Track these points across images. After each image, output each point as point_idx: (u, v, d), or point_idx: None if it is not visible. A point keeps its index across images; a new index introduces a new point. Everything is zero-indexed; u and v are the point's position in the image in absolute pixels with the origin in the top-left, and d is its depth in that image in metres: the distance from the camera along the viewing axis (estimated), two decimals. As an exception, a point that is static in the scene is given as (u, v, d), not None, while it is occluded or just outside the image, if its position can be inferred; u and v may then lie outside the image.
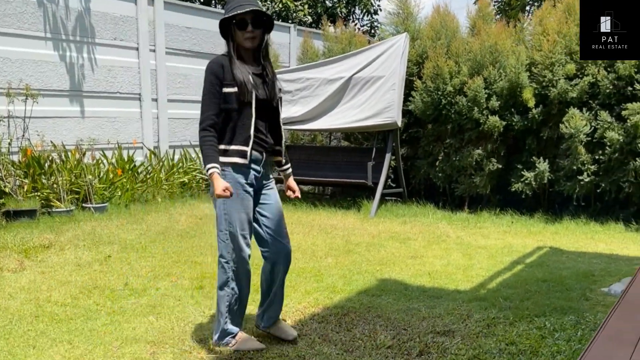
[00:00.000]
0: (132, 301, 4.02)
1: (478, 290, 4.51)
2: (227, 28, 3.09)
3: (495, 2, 17.35)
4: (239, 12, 2.96)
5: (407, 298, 4.22)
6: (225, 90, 2.98)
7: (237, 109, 2.98)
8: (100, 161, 7.71)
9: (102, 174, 7.59)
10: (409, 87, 8.36)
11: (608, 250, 5.95)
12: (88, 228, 6.18)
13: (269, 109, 3.12)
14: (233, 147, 3.01)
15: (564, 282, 4.65)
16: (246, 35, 2.98)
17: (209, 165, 2.93)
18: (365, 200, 8.35)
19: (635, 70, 7.02)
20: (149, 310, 3.85)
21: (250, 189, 3.10)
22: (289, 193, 3.45)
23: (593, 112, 7.28)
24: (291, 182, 3.49)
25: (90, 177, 7.19)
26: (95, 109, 8.17)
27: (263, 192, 3.18)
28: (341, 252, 5.64)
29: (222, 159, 3.00)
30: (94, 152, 7.55)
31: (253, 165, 3.09)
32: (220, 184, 2.91)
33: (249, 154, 3.03)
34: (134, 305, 3.93)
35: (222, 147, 3.01)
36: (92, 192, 7.13)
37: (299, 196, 3.46)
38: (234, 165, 3.02)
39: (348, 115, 8.10)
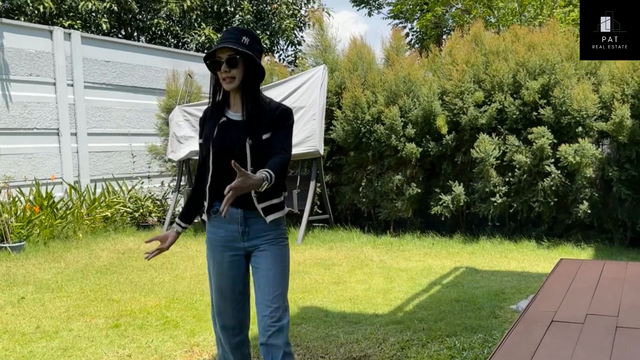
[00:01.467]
0: (43, 344, 3.92)
1: (395, 313, 4.65)
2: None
3: (413, 32, 18.05)
4: (210, 51, 2.64)
5: (327, 325, 4.30)
6: (199, 141, 2.78)
7: (204, 162, 2.70)
8: (17, 199, 7.48)
9: (19, 212, 7.36)
10: (329, 116, 8.56)
11: (520, 268, 6.25)
12: (3, 269, 5.97)
13: (236, 156, 2.54)
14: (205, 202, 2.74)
15: (476, 301, 4.86)
16: (222, 76, 2.61)
17: (175, 220, 2.81)
18: (292, 227, 8.43)
19: (539, 96, 7.47)
20: (60, 353, 3.76)
21: (226, 251, 2.70)
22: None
23: (502, 137, 7.68)
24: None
25: (6, 215, 6.96)
26: (11, 146, 7.94)
27: (253, 254, 2.69)
28: (264, 282, 5.67)
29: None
30: (10, 190, 7.32)
31: (218, 224, 2.69)
32: (158, 236, 2.77)
33: (206, 210, 2.71)
34: (44, 349, 3.83)
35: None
36: (8, 231, 6.90)
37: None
38: (205, 222, 2.79)
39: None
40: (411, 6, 17.02)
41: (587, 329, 3.42)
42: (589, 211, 7.11)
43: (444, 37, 16.48)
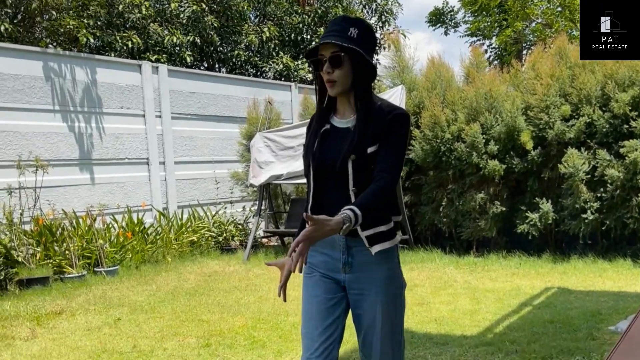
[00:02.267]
0: (140, 363, 4.08)
1: (485, 334, 4.52)
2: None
3: (492, 48, 17.76)
4: (311, 47, 2.25)
5: (413, 346, 4.24)
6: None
7: (307, 178, 2.31)
8: (110, 225, 7.86)
9: (112, 238, 7.73)
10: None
11: (616, 288, 5.94)
12: (99, 292, 6.28)
13: (337, 174, 2.17)
14: None
15: (571, 323, 4.65)
16: (325, 78, 2.18)
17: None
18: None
19: (630, 108, 7.14)
20: (156, 371, 3.90)
21: (325, 278, 2.28)
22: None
23: (592, 151, 7.37)
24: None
25: (101, 241, 7.33)
26: (104, 175, 8.39)
27: (355, 292, 2.25)
28: (348, 304, 5.67)
29: None
30: (104, 217, 7.71)
31: (321, 249, 2.26)
32: (277, 262, 2.38)
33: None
34: (141, 367, 3.99)
35: None
36: (103, 256, 7.26)
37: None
38: None
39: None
40: (489, 23, 16.80)
41: (697, 350, 3.20)
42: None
43: (524, 52, 16.11)
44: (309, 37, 14.48)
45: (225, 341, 4.51)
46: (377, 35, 15.14)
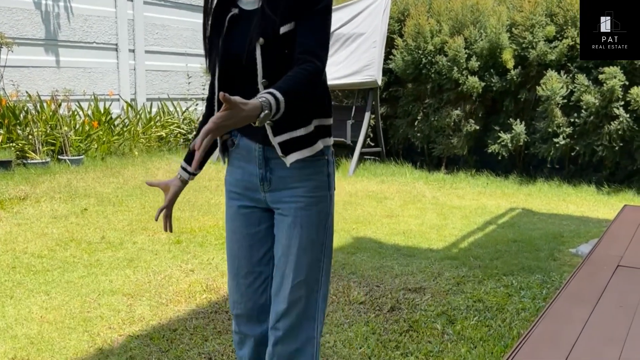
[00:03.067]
0: (109, 254, 4.06)
1: (450, 249, 4.62)
2: None
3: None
4: None
5: (381, 256, 4.31)
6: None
7: (212, 75, 1.89)
8: (76, 113, 7.61)
9: (78, 126, 7.51)
10: (389, 45, 8.31)
11: (579, 213, 6.10)
12: (64, 180, 6.15)
13: (245, 66, 1.74)
14: None
15: (534, 243, 4.78)
16: None
17: (181, 164, 1.98)
18: (344, 158, 8.39)
19: (614, 34, 7.05)
20: (126, 263, 3.89)
21: (242, 200, 1.86)
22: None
23: (571, 75, 7.34)
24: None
25: (66, 128, 7.11)
26: (71, 59, 8.02)
27: (275, 214, 1.84)
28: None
29: None
30: (69, 104, 7.44)
31: (237, 162, 1.86)
32: (160, 182, 1.98)
33: (219, 144, 1.86)
34: (110, 259, 3.96)
35: None
36: (67, 144, 7.06)
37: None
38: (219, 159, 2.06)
39: (329, 72, 8.02)
40: None
41: (657, 277, 3.33)
42: (656, 159, 6.83)
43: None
44: None
45: (196, 239, 4.50)
46: None
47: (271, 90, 1.52)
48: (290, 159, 1.73)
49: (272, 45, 1.69)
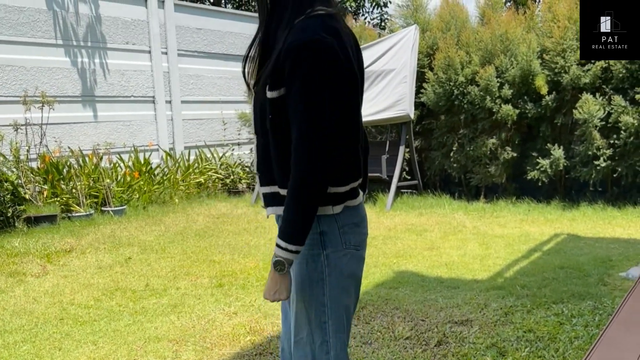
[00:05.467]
0: (154, 301, 4.10)
1: (495, 279, 4.52)
2: None
3: (505, -11, 17.25)
4: None
5: (424, 289, 4.25)
6: None
7: None
8: (117, 165, 7.82)
9: (119, 177, 7.70)
10: (420, 79, 8.35)
11: (626, 235, 5.92)
12: (107, 231, 6.28)
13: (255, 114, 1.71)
14: None
15: (582, 268, 4.65)
16: None
17: None
18: (380, 193, 8.37)
19: (649, 52, 6.95)
20: (170, 309, 3.92)
21: None
22: None
23: (607, 97, 7.22)
24: None
25: (108, 180, 7.29)
26: (110, 113, 8.29)
27: None
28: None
29: None
30: (110, 156, 7.66)
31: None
32: None
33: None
34: (155, 305, 4.00)
35: None
36: (110, 196, 7.24)
37: None
38: None
39: (362, 109, 8.13)
40: (503, -37, 16.29)
41: None
42: None
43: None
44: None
45: (237, 282, 4.52)
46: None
47: (276, 239, 1.58)
48: (267, 212, 1.71)
49: (259, 103, 1.63)
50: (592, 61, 7.29)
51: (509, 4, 15.87)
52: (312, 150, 1.51)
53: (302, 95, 1.50)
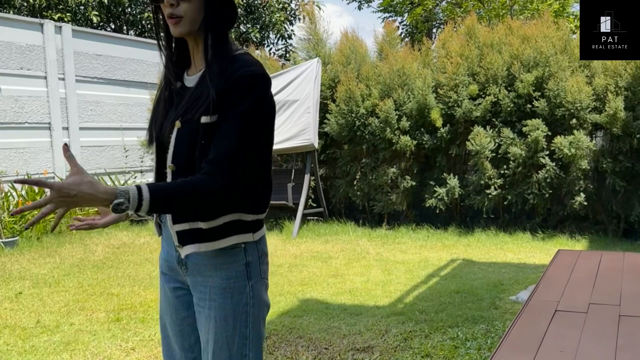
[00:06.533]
0: (45, 339, 3.88)
1: (396, 305, 4.66)
2: None
3: (404, 25, 18.06)
4: None
5: (328, 317, 4.30)
6: None
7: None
8: (9, 194, 7.39)
9: (11, 207, 7.27)
10: (323, 109, 8.56)
11: (516, 260, 6.29)
12: (-4, 265, 5.91)
13: (165, 147, 1.70)
14: None
15: (476, 293, 4.88)
16: (167, 12, 1.63)
17: None
18: (287, 221, 8.42)
19: (534, 88, 7.50)
20: (63, 347, 3.73)
21: (170, 282, 1.80)
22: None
23: (496, 130, 7.70)
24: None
25: (-2, 211, 6.88)
26: (2, 140, 7.86)
27: (194, 300, 1.74)
28: (262, 276, 5.66)
29: None
30: (2, 185, 7.23)
31: (164, 240, 1.81)
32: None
33: (154, 218, 1.81)
34: (46, 343, 3.79)
35: None
36: (1, 227, 6.82)
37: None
38: None
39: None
40: (402, 0, 17.02)
41: (591, 318, 3.45)
42: (585, 203, 7.16)
43: (435, 30, 16.48)
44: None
45: (136, 315, 4.38)
46: (292, 5, 15.02)
47: (141, 185, 1.47)
48: (185, 251, 1.65)
49: (189, 132, 1.60)
50: (483, 95, 7.77)
51: (407, 39, 16.65)
52: (235, 172, 1.54)
53: (245, 117, 1.56)
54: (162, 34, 1.74)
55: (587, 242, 7.07)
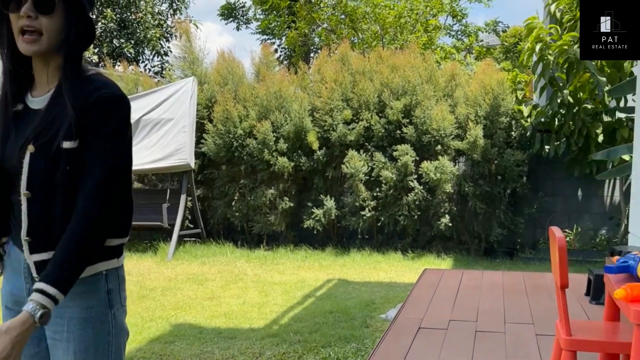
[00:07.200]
0: None
1: (271, 326, 4.69)
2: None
3: (282, 48, 18.35)
4: None
5: (201, 342, 4.24)
6: None
7: None
8: None
9: None
10: (200, 129, 8.48)
11: (388, 279, 6.55)
12: None
13: (15, 174, 1.57)
14: None
15: (349, 312, 5.03)
16: (22, 24, 1.49)
17: None
18: (162, 242, 8.21)
19: (402, 115, 7.92)
20: None
21: (14, 310, 1.61)
22: None
23: (369, 153, 8.03)
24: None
25: None
26: None
27: (47, 335, 1.62)
28: (134, 299, 5.47)
29: None
30: None
31: (7, 273, 1.68)
32: None
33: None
34: None
35: None
36: None
37: None
38: None
39: (140, 157, 7.95)
40: (279, 23, 17.26)
41: (451, 333, 3.70)
42: (450, 224, 7.63)
43: (312, 55, 16.87)
44: (94, 16, 13.59)
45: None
46: (169, 22, 14.78)
47: (41, 286, 1.41)
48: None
49: (45, 157, 1.51)
50: (356, 120, 8.08)
51: (286, 62, 16.94)
52: (111, 197, 1.51)
53: (111, 140, 1.52)
54: (4, 50, 1.57)
55: (452, 261, 7.53)
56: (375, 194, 7.93)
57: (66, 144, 1.49)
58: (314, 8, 15.66)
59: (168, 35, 14.88)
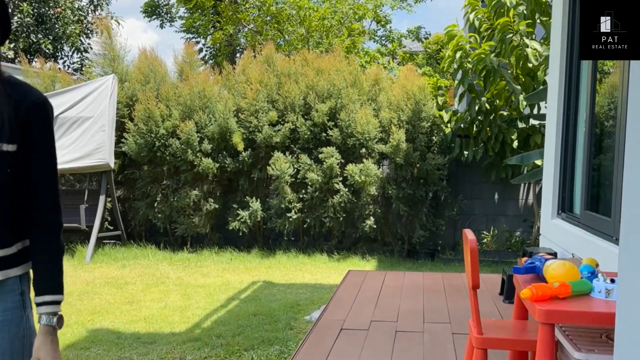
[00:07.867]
0: None
1: (193, 330, 4.61)
2: None
3: (207, 47, 18.08)
4: None
5: (119, 347, 4.12)
6: None
7: None
8: None
9: None
10: (120, 128, 8.23)
11: (313, 280, 6.58)
12: None
13: None
14: None
15: (273, 314, 5.02)
16: None
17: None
18: (79, 245, 7.91)
19: (328, 118, 7.98)
20: None
21: None
22: None
23: (295, 155, 8.05)
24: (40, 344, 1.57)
25: None
26: None
27: None
28: (48, 306, 5.24)
29: None
30: None
31: None
32: None
33: None
34: None
35: None
36: None
37: None
38: None
39: (57, 156, 7.63)
40: (204, 22, 16.98)
41: (372, 334, 3.76)
42: (374, 226, 7.75)
43: (238, 55, 16.71)
44: (9, 10, 12.94)
45: None
46: (89, 18, 14.28)
47: (47, 298, 1.56)
48: None
49: None
50: (282, 122, 8.07)
51: (211, 61, 16.72)
52: (59, 198, 1.64)
53: (51, 147, 1.61)
54: None
55: (376, 262, 7.66)
56: (301, 196, 7.95)
57: (9, 147, 1.51)
58: (239, 9, 15.53)
59: (88, 32, 14.38)
